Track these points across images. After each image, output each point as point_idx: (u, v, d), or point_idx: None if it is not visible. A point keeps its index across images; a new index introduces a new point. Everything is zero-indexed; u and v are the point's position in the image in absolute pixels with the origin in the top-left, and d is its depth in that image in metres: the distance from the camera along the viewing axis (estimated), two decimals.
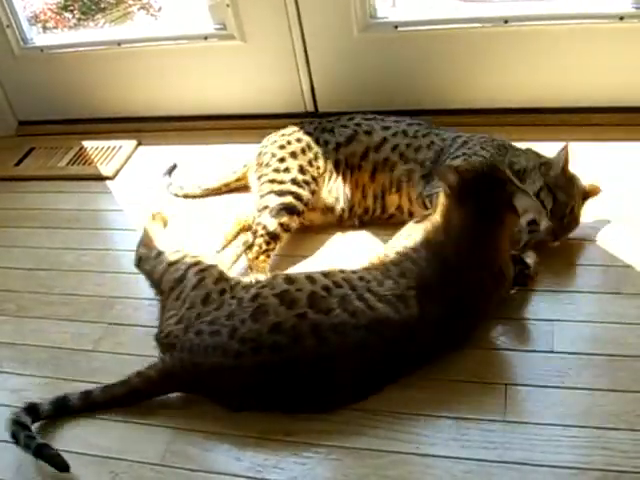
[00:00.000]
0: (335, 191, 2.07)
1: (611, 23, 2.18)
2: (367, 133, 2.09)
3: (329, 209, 2.08)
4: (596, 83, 2.28)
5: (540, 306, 1.75)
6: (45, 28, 3.03)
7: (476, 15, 2.32)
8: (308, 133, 2.13)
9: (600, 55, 2.24)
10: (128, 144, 2.68)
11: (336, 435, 1.52)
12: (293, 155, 2.06)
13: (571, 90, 2.31)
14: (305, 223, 2.07)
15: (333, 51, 2.44)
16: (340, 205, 2.07)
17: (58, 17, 3.11)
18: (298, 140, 2.10)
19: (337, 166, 2.08)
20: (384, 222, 2.06)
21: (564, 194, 1.83)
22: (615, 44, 2.21)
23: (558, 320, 1.69)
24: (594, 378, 1.55)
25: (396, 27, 2.39)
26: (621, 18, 2.16)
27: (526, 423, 1.47)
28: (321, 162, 2.07)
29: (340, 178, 2.07)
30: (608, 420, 1.45)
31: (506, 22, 2.27)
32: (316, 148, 2.08)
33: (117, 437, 1.59)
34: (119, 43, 2.65)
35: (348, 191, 2.07)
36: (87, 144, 2.73)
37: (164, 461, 1.52)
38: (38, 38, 2.79)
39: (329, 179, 2.07)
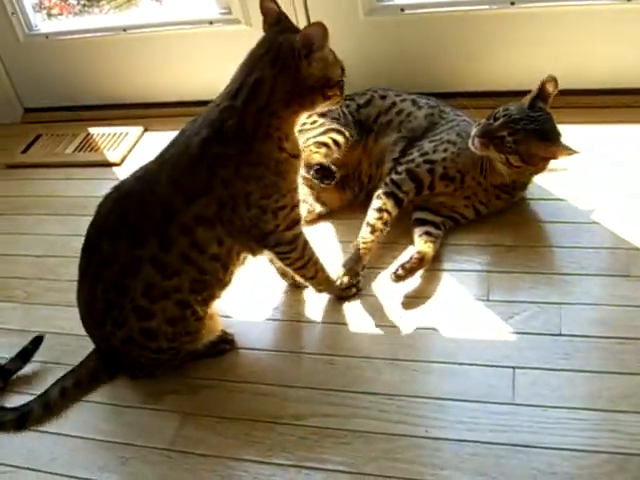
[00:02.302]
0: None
1: (618, 4, 2.16)
2: (382, 97, 2.15)
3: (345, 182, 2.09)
4: (603, 64, 2.26)
5: (548, 289, 1.74)
6: (50, 15, 3.02)
7: None
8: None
9: (607, 36, 2.22)
10: (135, 130, 2.68)
11: (345, 419, 1.53)
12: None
13: (577, 71, 2.28)
14: (324, 209, 2.08)
15: (339, 34, 2.38)
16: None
17: (63, 3, 3.09)
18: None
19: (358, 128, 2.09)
20: None
21: None
22: (623, 25, 2.18)
23: (566, 303, 1.69)
24: (601, 361, 1.55)
25: (402, 10, 2.37)
26: None
27: (534, 406, 1.48)
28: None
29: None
30: (615, 403, 1.45)
31: (512, 4, 2.25)
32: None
33: (126, 422, 1.60)
34: (124, 29, 2.65)
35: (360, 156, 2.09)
36: (94, 131, 2.73)
37: (173, 446, 1.54)
38: (43, 25, 2.79)
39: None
